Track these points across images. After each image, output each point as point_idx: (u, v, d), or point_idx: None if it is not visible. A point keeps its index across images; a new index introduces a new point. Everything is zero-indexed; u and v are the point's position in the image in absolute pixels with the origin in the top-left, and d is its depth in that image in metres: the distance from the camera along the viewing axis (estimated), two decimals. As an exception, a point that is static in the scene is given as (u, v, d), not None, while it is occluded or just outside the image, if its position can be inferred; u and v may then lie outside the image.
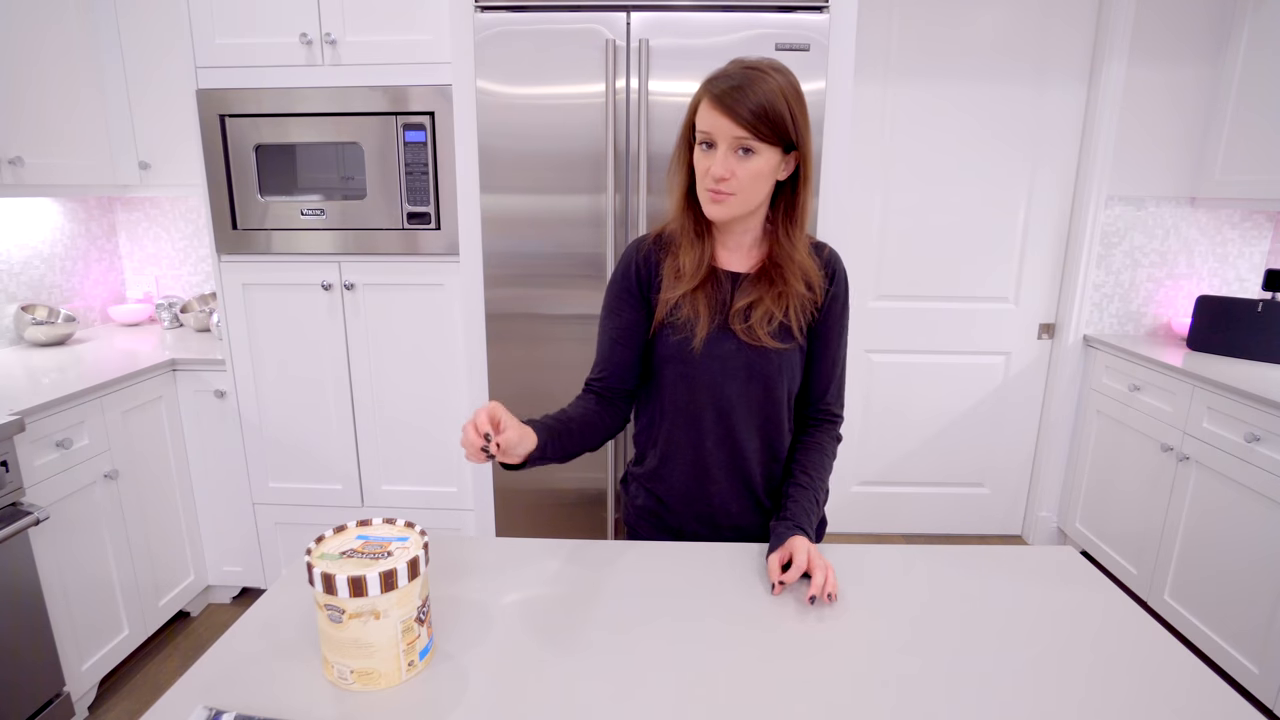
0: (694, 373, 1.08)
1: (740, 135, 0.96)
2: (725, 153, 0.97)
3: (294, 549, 2.25)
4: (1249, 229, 2.53)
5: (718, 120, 0.96)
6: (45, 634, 1.66)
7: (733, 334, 1.06)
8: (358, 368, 2.10)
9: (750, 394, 1.08)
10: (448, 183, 1.95)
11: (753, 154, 0.97)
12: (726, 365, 1.07)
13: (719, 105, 0.96)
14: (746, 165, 0.98)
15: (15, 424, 1.55)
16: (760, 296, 1.05)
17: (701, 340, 1.06)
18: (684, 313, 1.07)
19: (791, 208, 1.05)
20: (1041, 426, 2.79)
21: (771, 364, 1.07)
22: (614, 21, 1.73)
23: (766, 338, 1.05)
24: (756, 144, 0.97)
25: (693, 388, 1.09)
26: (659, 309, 1.09)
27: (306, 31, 1.89)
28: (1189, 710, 0.74)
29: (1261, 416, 1.85)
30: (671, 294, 1.07)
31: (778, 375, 1.08)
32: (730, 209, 1.01)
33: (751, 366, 1.07)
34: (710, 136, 0.98)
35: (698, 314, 1.06)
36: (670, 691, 0.76)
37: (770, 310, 1.05)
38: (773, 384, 1.08)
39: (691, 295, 1.06)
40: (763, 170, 0.99)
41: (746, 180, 0.98)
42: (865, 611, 0.91)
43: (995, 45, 2.47)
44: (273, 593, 0.94)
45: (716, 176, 0.98)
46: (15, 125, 1.93)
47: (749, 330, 1.05)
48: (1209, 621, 2.02)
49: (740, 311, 1.06)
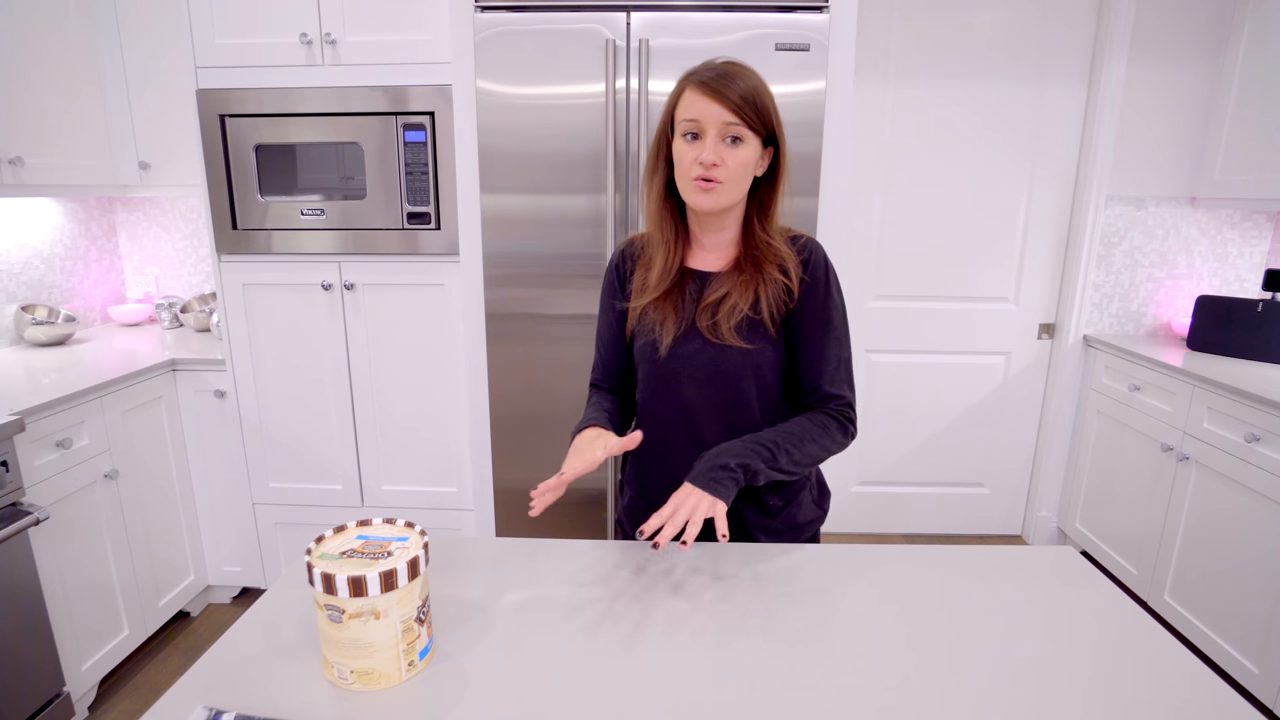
0: (658, 373, 1.10)
1: (730, 121, 0.96)
2: (714, 140, 0.98)
3: (294, 549, 2.25)
4: (1249, 229, 2.53)
5: (707, 106, 0.97)
6: (45, 634, 1.66)
7: (698, 333, 1.06)
8: (358, 368, 2.10)
9: (714, 393, 1.08)
10: (448, 183, 1.95)
11: (740, 142, 0.98)
12: (688, 365, 1.07)
13: (707, 91, 0.97)
14: (735, 153, 0.98)
15: (15, 424, 1.55)
16: (729, 290, 1.05)
17: (667, 346, 1.07)
18: (651, 318, 1.08)
19: (767, 204, 1.06)
20: (1041, 427, 2.79)
21: (735, 362, 1.05)
22: (614, 21, 1.73)
23: (731, 334, 1.04)
24: (744, 131, 0.98)
25: (656, 389, 1.11)
26: (629, 316, 1.12)
27: (306, 31, 1.89)
28: (1189, 710, 0.74)
29: (1261, 416, 1.85)
30: (638, 302, 1.10)
31: (743, 374, 1.06)
32: (718, 198, 1.01)
33: (715, 365, 1.06)
34: (698, 125, 0.98)
35: (664, 319, 1.07)
36: (670, 691, 0.76)
37: (737, 303, 1.04)
38: (739, 383, 1.07)
39: (659, 302, 1.08)
40: (749, 160, 1.00)
41: (736, 168, 0.99)
42: (865, 611, 0.91)
43: (995, 45, 2.47)
44: (273, 593, 0.94)
45: (707, 163, 0.97)
46: (15, 125, 1.93)
47: (714, 328, 1.05)
48: (1209, 621, 2.02)
49: (708, 308, 1.06)
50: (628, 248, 1.17)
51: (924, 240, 2.63)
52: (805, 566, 1.02)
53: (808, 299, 1.06)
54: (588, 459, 0.98)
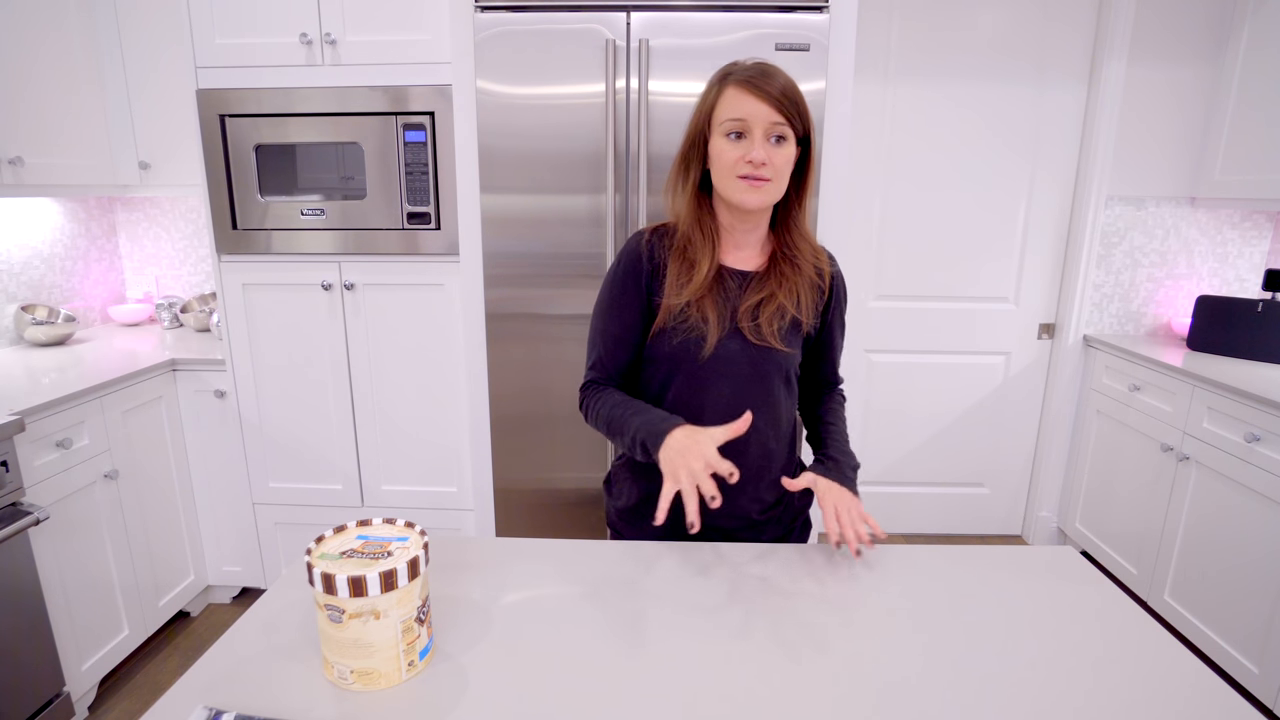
0: (699, 374, 1.07)
1: (776, 120, 0.98)
2: (762, 139, 0.98)
3: (294, 549, 2.25)
4: (1249, 229, 2.53)
5: (754, 105, 0.97)
6: (45, 634, 1.66)
7: (739, 333, 1.06)
8: (358, 368, 2.10)
9: (748, 393, 1.08)
10: (448, 183, 1.95)
11: (785, 141, 1.00)
12: (731, 366, 1.07)
13: (752, 89, 0.97)
14: (781, 152, 1.00)
15: (15, 424, 1.55)
16: (771, 293, 1.06)
17: (712, 345, 1.05)
18: (695, 317, 1.05)
19: (799, 201, 1.07)
20: (1041, 427, 2.79)
21: (774, 364, 1.07)
22: (614, 21, 1.73)
23: (773, 337, 1.05)
24: (788, 130, 0.99)
25: (697, 390, 1.08)
26: (662, 313, 1.07)
27: (306, 31, 1.89)
28: (1189, 710, 0.74)
29: (1261, 416, 1.85)
30: (678, 299, 1.05)
31: (776, 374, 1.09)
32: (766, 196, 1.01)
33: (755, 366, 1.07)
34: (744, 125, 0.98)
35: (707, 319, 1.04)
36: (670, 691, 0.76)
37: (782, 305, 1.05)
38: (773, 384, 1.09)
39: (700, 302, 1.05)
40: (791, 158, 1.01)
41: (782, 166, 1.00)
42: (865, 611, 0.91)
43: (995, 45, 2.47)
44: (273, 593, 0.94)
45: (758, 161, 0.97)
46: (15, 125, 1.93)
47: (756, 329, 1.06)
48: (1209, 621, 2.02)
49: (749, 310, 1.06)
50: (656, 239, 1.09)
51: (924, 240, 2.63)
52: (805, 566, 1.02)
53: (834, 300, 1.13)
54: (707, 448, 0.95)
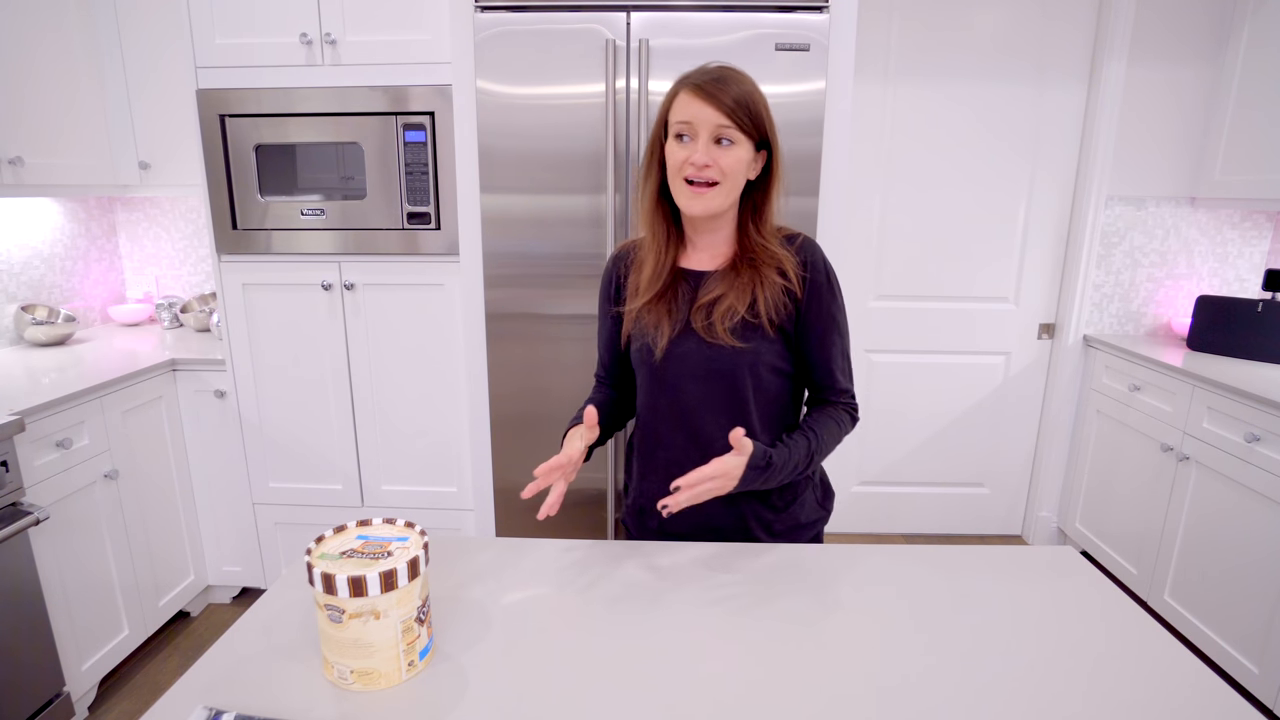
0: (656, 375, 1.10)
1: (723, 124, 0.98)
2: (706, 142, 0.99)
3: (294, 549, 2.25)
4: (1249, 229, 2.53)
5: (700, 109, 0.98)
6: (45, 634, 1.66)
7: (693, 333, 1.07)
8: (358, 368, 2.10)
9: (712, 392, 1.08)
10: (448, 183, 1.95)
11: (732, 145, 0.99)
12: (685, 365, 1.08)
13: (701, 94, 0.98)
14: (726, 155, 0.99)
15: (15, 424, 1.55)
16: (724, 292, 1.05)
17: (663, 348, 1.07)
18: (646, 322, 1.09)
19: (761, 206, 1.07)
20: (1041, 427, 2.79)
21: (731, 361, 1.06)
22: (614, 21, 1.73)
23: (725, 335, 1.04)
24: (736, 134, 0.99)
25: (655, 390, 1.12)
26: (625, 320, 1.13)
27: (306, 31, 1.89)
28: (1189, 710, 0.74)
29: (1261, 416, 1.85)
30: (632, 305, 1.11)
31: (739, 372, 1.06)
32: (710, 202, 1.01)
33: (711, 364, 1.06)
34: (690, 128, 0.99)
35: (659, 322, 1.08)
36: (670, 691, 0.76)
37: (733, 305, 1.04)
38: (736, 382, 1.07)
39: (652, 305, 1.08)
40: (741, 161, 1.00)
41: (730, 168, 1.00)
42: (865, 611, 0.91)
43: (995, 45, 2.47)
44: (273, 593, 0.94)
45: (699, 164, 0.98)
46: (15, 125, 1.93)
47: (709, 328, 1.05)
48: (1209, 621, 2.02)
49: (702, 308, 1.06)
50: (622, 253, 1.18)
51: (924, 240, 2.63)
52: (805, 566, 1.02)
53: (813, 300, 1.07)
54: (566, 452, 1.02)
